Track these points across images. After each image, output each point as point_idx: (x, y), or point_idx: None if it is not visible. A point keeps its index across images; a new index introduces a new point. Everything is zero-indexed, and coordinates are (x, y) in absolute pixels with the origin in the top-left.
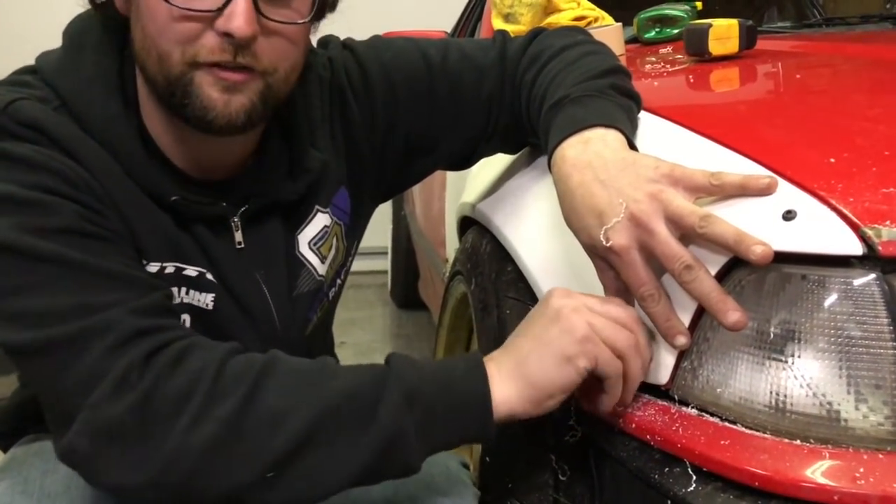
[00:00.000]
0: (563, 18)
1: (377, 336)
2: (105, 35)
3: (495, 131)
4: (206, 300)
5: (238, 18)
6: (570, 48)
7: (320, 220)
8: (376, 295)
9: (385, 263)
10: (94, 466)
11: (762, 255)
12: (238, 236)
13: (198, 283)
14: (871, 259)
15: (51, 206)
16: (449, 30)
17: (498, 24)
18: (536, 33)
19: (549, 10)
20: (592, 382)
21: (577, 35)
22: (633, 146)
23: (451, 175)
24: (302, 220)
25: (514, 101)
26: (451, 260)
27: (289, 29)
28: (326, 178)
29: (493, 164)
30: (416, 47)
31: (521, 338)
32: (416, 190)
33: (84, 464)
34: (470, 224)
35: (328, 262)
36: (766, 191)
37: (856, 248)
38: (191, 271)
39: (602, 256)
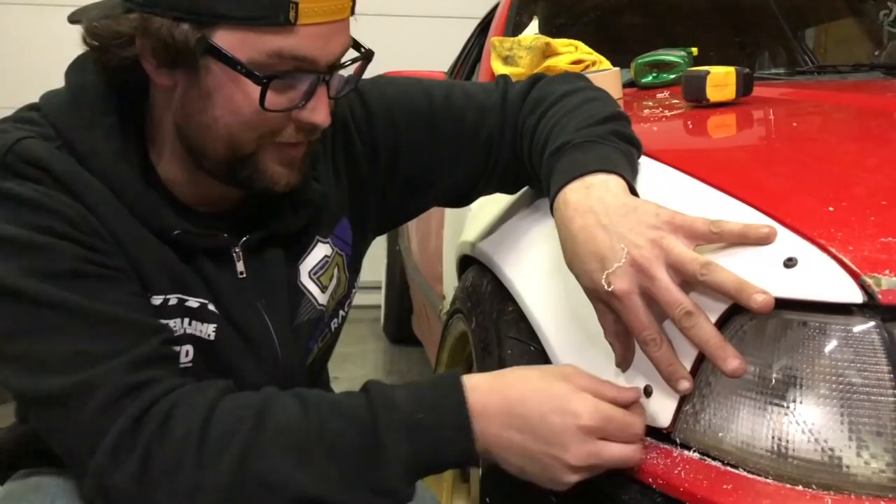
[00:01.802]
0: (561, 62)
1: (370, 371)
2: (106, 76)
3: (494, 171)
4: (207, 330)
5: (322, 112)
6: (571, 94)
7: (321, 251)
8: (369, 330)
9: (378, 298)
10: None
11: (763, 304)
12: (240, 266)
13: (200, 314)
14: (871, 307)
15: (53, 249)
16: (446, 70)
17: (497, 66)
18: (538, 78)
19: (548, 53)
20: None
21: (578, 81)
22: (634, 192)
23: (449, 212)
24: (303, 250)
25: (516, 143)
26: (448, 297)
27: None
28: (327, 209)
29: (493, 204)
30: (420, 85)
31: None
32: (412, 226)
33: None
34: (470, 262)
35: (329, 292)
36: (765, 240)
37: (856, 296)
38: (193, 303)
39: (603, 300)
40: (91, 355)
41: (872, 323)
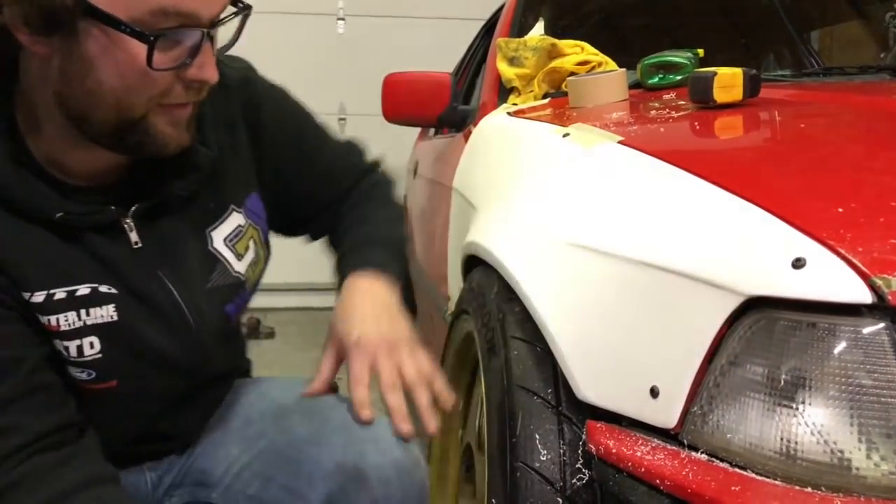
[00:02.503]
0: (567, 63)
1: None
2: None
3: (304, 221)
4: (108, 313)
5: (210, 68)
6: (387, 207)
7: (235, 220)
8: None
9: None
10: None
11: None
12: (133, 237)
13: (94, 300)
14: (880, 308)
15: None
16: (451, 71)
17: (503, 67)
18: (376, 179)
19: (554, 54)
20: None
21: (398, 207)
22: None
23: (454, 213)
24: (214, 218)
25: (333, 219)
26: (453, 298)
27: None
28: (227, 178)
29: (500, 204)
30: (307, 112)
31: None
32: (416, 227)
33: None
34: (475, 263)
35: (246, 261)
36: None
37: (865, 296)
38: (83, 290)
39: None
40: None
41: (882, 324)
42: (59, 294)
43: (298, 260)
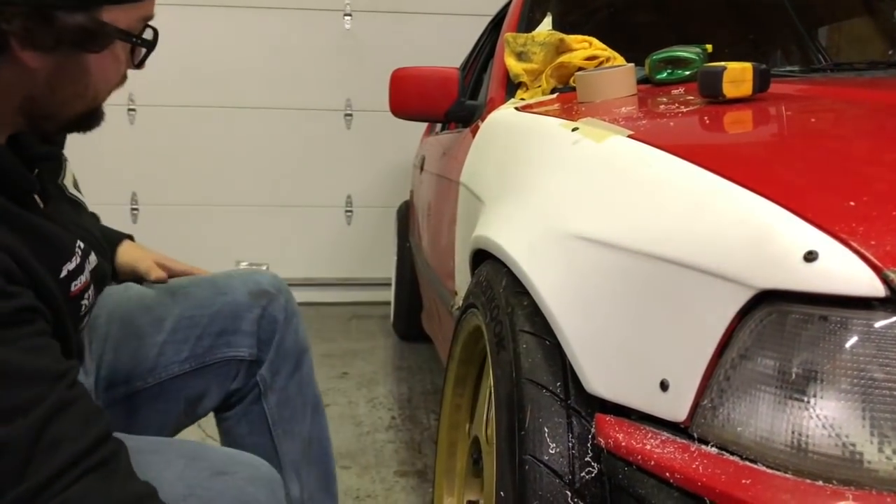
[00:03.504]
0: (575, 58)
1: (378, 367)
2: None
3: None
4: (93, 259)
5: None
6: None
7: (66, 167)
8: (378, 326)
9: (388, 294)
10: None
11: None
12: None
13: (86, 252)
14: (893, 302)
15: None
16: (458, 66)
17: (511, 62)
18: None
19: (562, 49)
20: None
21: None
22: None
23: (461, 207)
24: (58, 171)
25: None
26: (461, 293)
27: None
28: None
29: (508, 197)
30: None
31: None
32: (423, 222)
33: None
34: (484, 257)
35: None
36: None
37: (878, 290)
38: (81, 245)
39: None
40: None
41: (895, 318)
42: (73, 262)
43: (304, 256)
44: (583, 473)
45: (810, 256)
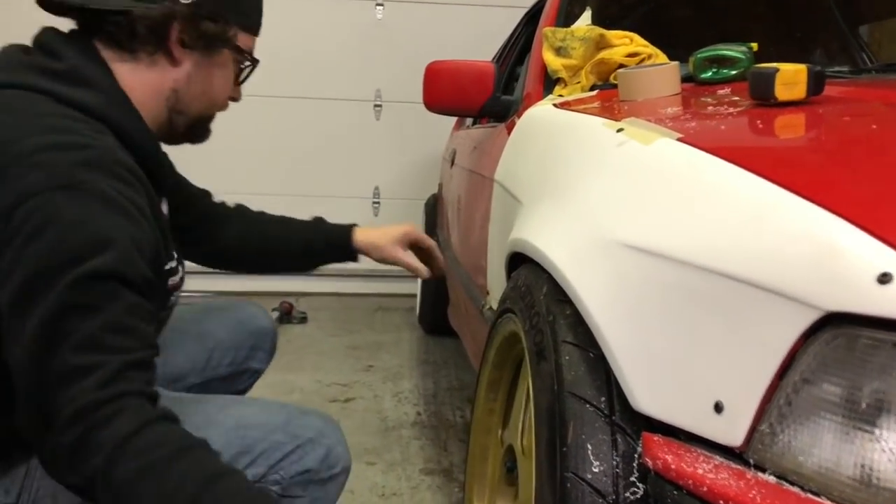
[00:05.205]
0: (616, 54)
1: (404, 360)
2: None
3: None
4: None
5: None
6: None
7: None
8: (404, 319)
9: (414, 287)
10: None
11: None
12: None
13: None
14: None
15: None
16: (490, 57)
17: (549, 57)
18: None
19: (602, 45)
20: None
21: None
22: None
23: (495, 205)
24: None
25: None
26: (493, 292)
27: None
28: None
29: (549, 201)
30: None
31: None
32: (452, 217)
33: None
34: (521, 260)
35: None
36: None
37: None
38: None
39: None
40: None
41: None
42: (172, 263)
43: None
44: (627, 494)
45: (885, 279)
